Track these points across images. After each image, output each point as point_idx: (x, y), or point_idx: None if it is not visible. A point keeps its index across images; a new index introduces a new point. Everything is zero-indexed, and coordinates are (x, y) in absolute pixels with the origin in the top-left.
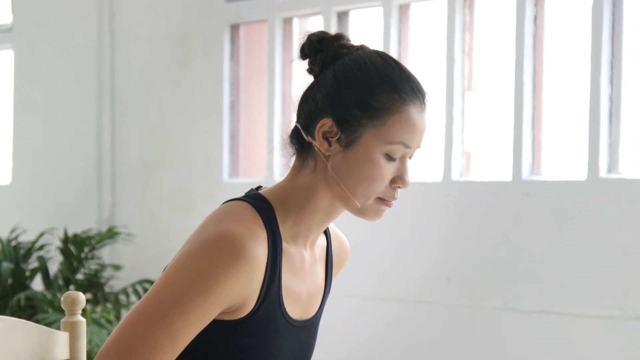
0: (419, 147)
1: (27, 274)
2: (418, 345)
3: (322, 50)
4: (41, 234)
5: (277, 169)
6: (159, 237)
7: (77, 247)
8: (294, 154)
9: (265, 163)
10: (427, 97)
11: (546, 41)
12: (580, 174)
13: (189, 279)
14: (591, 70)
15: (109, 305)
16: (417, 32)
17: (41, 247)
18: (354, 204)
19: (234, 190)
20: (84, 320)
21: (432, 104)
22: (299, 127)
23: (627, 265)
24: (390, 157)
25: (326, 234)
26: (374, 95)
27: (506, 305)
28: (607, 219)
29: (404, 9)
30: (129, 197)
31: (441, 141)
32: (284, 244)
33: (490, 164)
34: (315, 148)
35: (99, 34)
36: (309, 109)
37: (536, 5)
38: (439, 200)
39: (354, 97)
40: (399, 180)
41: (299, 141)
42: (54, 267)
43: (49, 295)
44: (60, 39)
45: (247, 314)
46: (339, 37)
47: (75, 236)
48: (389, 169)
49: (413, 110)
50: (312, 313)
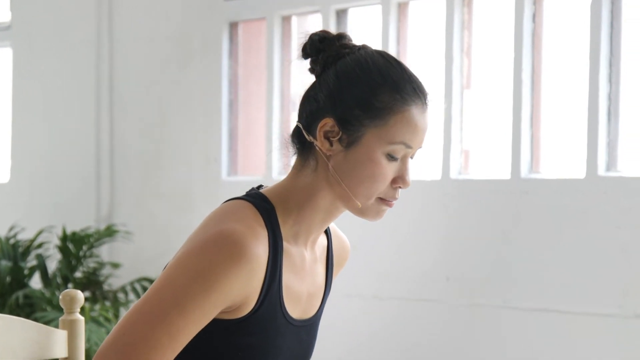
0: (420, 147)
1: (26, 272)
2: (418, 344)
3: (323, 50)
4: (40, 232)
5: (276, 168)
6: (157, 235)
7: (75, 245)
8: (295, 154)
9: (264, 161)
10: (428, 97)
11: (545, 39)
12: (579, 172)
13: (189, 278)
14: (590, 68)
15: (108, 304)
16: (416, 30)
17: (40, 245)
18: (354, 203)
19: (233, 188)
20: (82, 318)
21: (433, 104)
22: (300, 126)
23: (626, 263)
24: (391, 157)
25: (327, 233)
26: (376, 95)
27: (505, 303)
28: (606, 217)
29: (402, 7)
30: (127, 195)
31: (440, 139)
32: (285, 244)
33: (488, 162)
34: (317, 148)
35: (97, 32)
36: (311, 108)
37: (535, 4)
38: (438, 199)
39: (356, 97)
40: (400, 180)
41: (300, 141)
42: (52, 265)
43: (47, 294)
44: (59, 37)
45: (248, 314)
46: (340, 36)
47: (74, 234)
48: (390, 169)
49: (415, 111)
50: (312, 313)
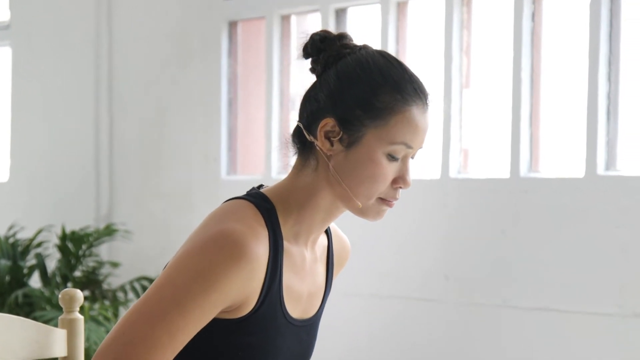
0: (420, 148)
1: (25, 271)
2: (417, 343)
3: (324, 50)
4: (39, 231)
5: (275, 167)
6: (157, 234)
7: (75, 245)
8: (295, 153)
9: (263, 161)
10: (429, 97)
11: (544, 38)
12: (578, 171)
13: (189, 277)
14: (589, 67)
15: (107, 303)
16: (415, 30)
17: (39, 245)
18: (355, 203)
19: (232, 187)
20: (81, 317)
21: (434, 104)
22: (301, 126)
23: (625, 262)
24: (392, 158)
25: (327, 233)
26: (377, 95)
27: (504, 302)
28: (605, 216)
29: (401, 6)
30: (127, 194)
31: (439, 138)
32: (285, 243)
33: (488, 161)
34: (317, 148)
35: (96, 31)
36: (311, 108)
37: (534, 3)
38: (437, 198)
39: (357, 97)
40: (400, 180)
41: (301, 140)
42: (51, 265)
43: (46, 293)
44: (58, 36)
45: (248, 313)
46: (341, 36)
47: (73, 233)
48: (390, 169)
49: (415, 111)
50: (312, 312)
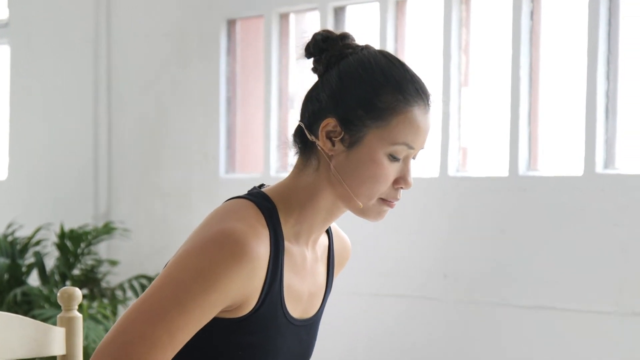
0: (422, 148)
1: (24, 269)
2: (415, 342)
3: (327, 50)
4: (37, 230)
5: (274, 165)
6: (155, 232)
7: (73, 243)
8: (297, 153)
9: (261, 159)
10: (431, 98)
11: (543, 37)
12: (577, 169)
13: (190, 276)
14: (588, 65)
15: (106, 301)
16: (414, 28)
17: (37, 243)
18: (356, 204)
19: (231, 186)
20: (80, 315)
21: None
22: (303, 126)
23: (624, 260)
24: (393, 158)
25: (328, 233)
26: (378, 96)
27: (503, 300)
28: (604, 214)
29: (400, 4)
30: (125, 192)
31: (438, 137)
32: (286, 243)
33: (486, 159)
34: (319, 147)
35: (95, 29)
36: (313, 108)
37: (532, 1)
38: (436, 196)
39: (358, 97)
40: (401, 181)
41: (303, 140)
42: (50, 263)
43: (45, 291)
44: (57, 35)
45: (249, 313)
46: (344, 36)
47: (72, 232)
48: (392, 170)
49: (417, 111)
50: (312, 312)
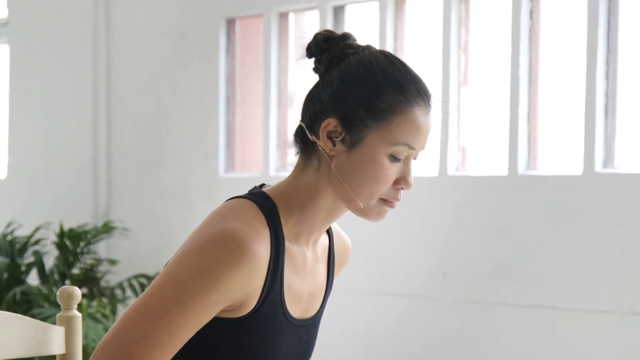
0: (423, 149)
1: (23, 268)
2: (415, 341)
3: (328, 50)
4: (37, 229)
5: (273, 164)
6: (155, 231)
7: (72, 242)
8: (297, 153)
9: (261, 158)
10: (432, 98)
11: (542, 36)
12: (576, 168)
13: (190, 276)
14: (587, 64)
15: (105, 300)
16: (413, 27)
17: (37, 242)
18: (357, 204)
19: (230, 185)
20: (79, 314)
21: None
22: (304, 126)
23: (623, 260)
24: (394, 158)
25: (329, 233)
26: (380, 96)
27: (502, 299)
28: (603, 213)
29: (399, 3)
30: (124, 191)
31: (437, 136)
32: (287, 243)
33: (486, 158)
34: (320, 147)
35: (95, 28)
36: (314, 108)
37: (532, 0)
38: (435, 195)
39: (359, 98)
40: (402, 181)
41: (303, 140)
42: (49, 262)
43: (44, 290)
44: (56, 33)
45: (249, 312)
46: (345, 36)
47: (71, 231)
48: (392, 170)
49: (418, 112)
50: (313, 312)
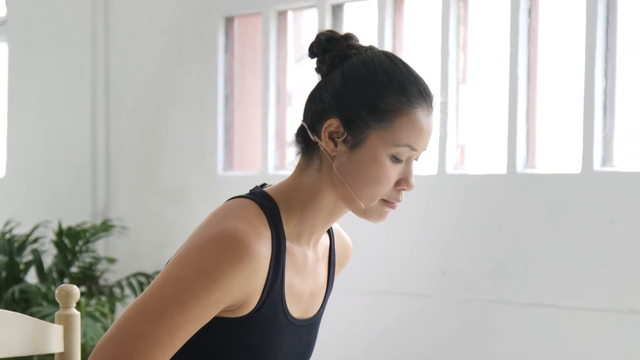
0: (424, 150)
1: (22, 267)
2: (413, 339)
3: (330, 50)
4: (35, 227)
5: (272, 163)
6: (153, 230)
7: (71, 240)
8: (299, 153)
9: (260, 156)
10: (434, 100)
11: (540, 34)
12: (575, 167)
13: (191, 275)
14: (585, 63)
15: (104, 299)
16: (412, 26)
17: (35, 240)
18: (358, 205)
19: (229, 183)
20: (78, 313)
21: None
22: (305, 126)
23: (622, 258)
24: (396, 159)
25: (329, 233)
26: (382, 97)
27: (501, 298)
28: (602, 212)
29: (398, 2)
30: (123, 190)
31: (436, 134)
32: (288, 243)
33: (484, 157)
34: (321, 148)
35: (93, 27)
36: (316, 108)
37: None
38: (434, 194)
39: (362, 98)
40: (403, 182)
41: (305, 140)
42: (48, 260)
43: (43, 288)
44: (55, 32)
45: (249, 312)
46: (348, 37)
47: (70, 229)
48: (394, 171)
49: (420, 113)
50: (313, 312)
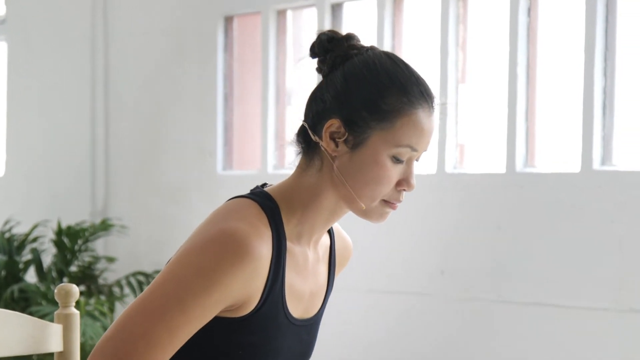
0: (425, 151)
1: (21, 266)
2: (412, 338)
3: (332, 50)
4: (35, 226)
5: (271, 162)
6: (153, 229)
7: (70, 240)
8: (300, 153)
9: (259, 156)
10: (435, 100)
11: (540, 33)
12: (574, 166)
13: (191, 275)
14: (585, 62)
15: (103, 298)
16: (411, 25)
17: (35, 240)
18: (359, 205)
19: (228, 182)
20: (77, 312)
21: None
22: (306, 126)
23: (621, 257)
24: (396, 160)
25: (330, 233)
26: (383, 98)
27: (500, 297)
28: (601, 211)
29: (397, 1)
30: (122, 189)
31: (435, 133)
32: (288, 243)
33: (484, 156)
34: (322, 148)
35: (93, 26)
36: (317, 108)
37: None
38: (433, 193)
39: (363, 99)
40: (404, 183)
41: (306, 140)
42: (47, 260)
43: (42, 288)
44: (54, 31)
45: (250, 312)
46: (349, 37)
47: (69, 228)
48: (395, 172)
49: (421, 114)
50: (313, 312)
